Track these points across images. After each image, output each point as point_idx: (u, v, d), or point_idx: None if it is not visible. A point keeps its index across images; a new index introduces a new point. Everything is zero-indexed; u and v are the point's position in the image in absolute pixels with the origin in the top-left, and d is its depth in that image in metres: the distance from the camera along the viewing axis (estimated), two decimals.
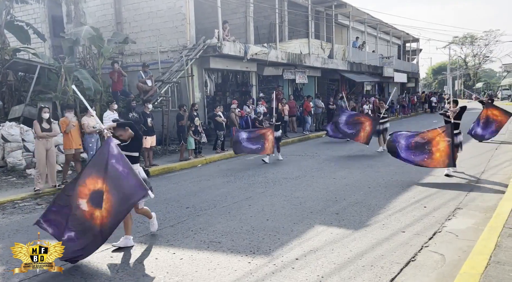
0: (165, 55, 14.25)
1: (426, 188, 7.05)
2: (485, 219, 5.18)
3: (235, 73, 17.13)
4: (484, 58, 60.03)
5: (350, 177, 8.26)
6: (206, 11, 16.95)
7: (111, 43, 12.08)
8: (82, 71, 11.04)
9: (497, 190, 6.67)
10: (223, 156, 11.77)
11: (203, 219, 5.76)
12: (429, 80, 76.94)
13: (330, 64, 21.41)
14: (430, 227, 5.05)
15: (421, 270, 3.90)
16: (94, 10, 15.70)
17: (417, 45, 39.52)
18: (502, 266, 3.55)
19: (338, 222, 5.41)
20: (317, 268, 4.03)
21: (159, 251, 4.65)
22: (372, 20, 27.61)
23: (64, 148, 8.38)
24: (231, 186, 7.90)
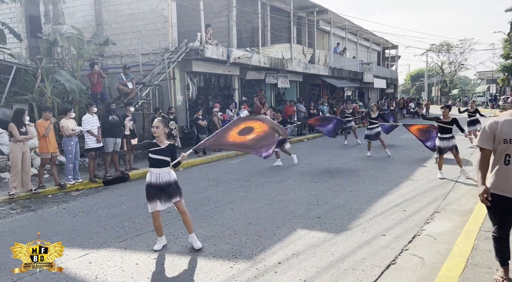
0: (146, 58, 14.10)
1: (405, 192, 7.18)
2: (462, 222, 5.31)
3: (217, 76, 17.10)
4: (459, 66, 61.91)
5: (331, 181, 8.34)
6: (189, 14, 16.88)
7: (91, 45, 11.86)
8: (62, 73, 10.79)
9: (474, 193, 6.86)
10: (205, 160, 11.70)
11: None
12: (407, 86, 78.75)
13: (311, 69, 21.65)
14: (410, 231, 5.14)
15: (402, 273, 3.96)
16: (74, 10, 15.40)
17: (396, 52, 40.48)
18: (479, 268, 3.65)
19: (320, 225, 5.45)
20: (299, 272, 4.04)
21: (139, 256, 4.57)
22: (352, 26, 28.12)
23: (40, 151, 8.15)
24: (213, 190, 7.85)
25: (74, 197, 7.81)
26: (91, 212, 6.62)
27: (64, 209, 6.85)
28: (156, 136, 4.84)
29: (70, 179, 8.47)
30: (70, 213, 6.56)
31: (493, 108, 38.21)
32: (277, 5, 19.81)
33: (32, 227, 5.80)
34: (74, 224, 5.90)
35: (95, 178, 8.87)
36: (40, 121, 8.10)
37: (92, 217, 6.30)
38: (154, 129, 4.79)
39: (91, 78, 11.68)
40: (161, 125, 4.82)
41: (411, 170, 9.27)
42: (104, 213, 6.50)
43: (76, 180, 8.60)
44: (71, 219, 6.20)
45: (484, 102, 47.04)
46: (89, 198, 7.69)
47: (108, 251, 4.77)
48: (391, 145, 14.09)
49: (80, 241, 5.14)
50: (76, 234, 5.43)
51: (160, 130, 4.82)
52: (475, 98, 56.91)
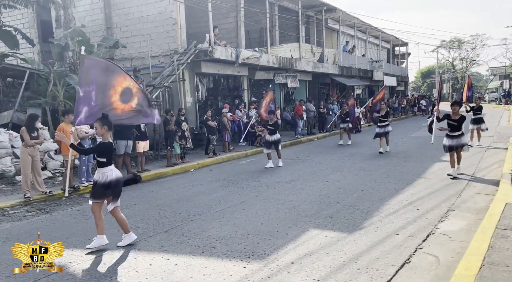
0: (156, 60, 14.20)
1: (418, 190, 7.10)
2: (477, 220, 5.23)
3: (226, 77, 17.14)
4: (471, 62, 61.02)
5: (343, 180, 8.29)
6: (197, 15, 16.95)
7: (101, 48, 12.00)
8: (74, 77, 10.92)
9: (488, 191, 6.75)
10: (215, 161, 11.73)
11: (196, 224, 5.72)
12: (418, 83, 77.89)
13: (321, 68, 21.56)
14: (424, 229, 5.08)
15: (416, 272, 3.92)
16: (84, 15, 15.60)
17: (406, 49, 40.07)
18: (496, 267, 3.59)
19: (333, 225, 5.42)
20: (313, 271, 4.02)
21: (153, 257, 4.60)
22: (361, 24, 27.92)
23: (63, 154, 8.28)
24: (224, 190, 7.87)
25: (87, 199, 7.87)
26: (104, 213, 6.66)
27: (78, 211, 6.94)
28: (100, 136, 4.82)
29: (83, 181, 8.58)
30: (84, 215, 6.64)
31: (506, 104, 37.52)
32: (285, 4, 19.77)
33: (48, 229, 5.88)
34: (88, 226, 5.96)
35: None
36: (63, 124, 8.22)
37: (105, 218, 6.32)
38: (94, 131, 4.82)
39: None
40: (98, 124, 4.81)
41: (423, 168, 9.16)
42: None
43: (89, 183, 8.70)
44: (85, 221, 6.27)
45: (498, 98, 46.22)
46: None
47: (122, 252, 4.81)
48: (403, 143, 13.95)
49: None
50: (90, 235, 5.48)
51: (99, 130, 4.80)
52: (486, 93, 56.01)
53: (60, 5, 12.64)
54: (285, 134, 17.42)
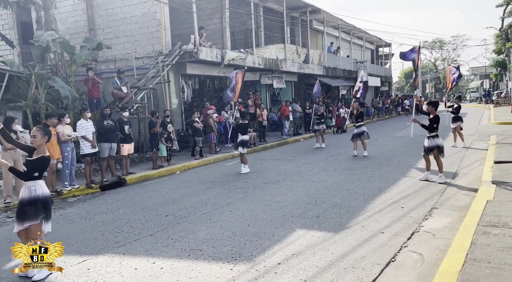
0: (140, 61, 14.06)
1: (402, 189, 7.19)
2: (460, 217, 5.32)
3: (212, 78, 17.09)
4: (452, 62, 62.28)
5: (329, 180, 8.34)
6: (182, 16, 16.85)
7: (84, 49, 11.80)
8: (56, 79, 10.72)
9: (470, 189, 6.88)
10: (202, 163, 11.67)
11: (183, 227, 5.67)
12: (401, 83, 79.08)
13: (306, 69, 21.69)
14: (408, 227, 5.14)
15: (401, 270, 3.96)
16: (66, 16, 15.33)
17: (390, 49, 40.67)
18: (479, 263, 3.65)
19: (319, 225, 5.44)
20: (299, 272, 4.03)
21: (138, 261, 4.54)
22: (345, 25, 28.21)
23: None
24: (211, 192, 7.83)
25: (71, 203, 7.76)
26: (88, 218, 6.58)
27: (61, 216, 6.80)
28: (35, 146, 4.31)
29: (66, 185, 8.43)
30: (67, 220, 6.51)
31: (486, 103, 38.42)
32: (270, 5, 19.82)
33: None
34: (71, 231, 5.86)
35: (91, 184, 8.82)
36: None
37: (90, 223, 6.26)
38: (32, 139, 4.28)
39: (87, 84, 11.64)
40: (39, 134, 4.29)
41: (407, 166, 9.29)
42: (101, 218, 6.46)
43: (73, 186, 8.55)
44: (68, 226, 6.15)
45: (478, 97, 47.30)
46: (86, 204, 7.64)
47: (107, 256, 4.73)
48: (387, 142, 14.14)
49: (78, 247, 5.10)
50: (73, 240, 5.39)
51: (38, 139, 4.28)
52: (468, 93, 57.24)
53: (41, 6, 12.38)
54: (272, 135, 17.47)
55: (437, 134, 7.70)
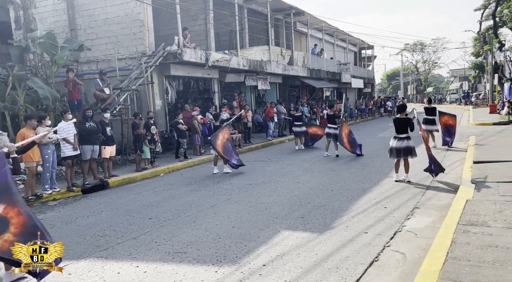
0: (123, 62, 13.87)
1: (385, 189, 7.30)
2: (441, 217, 5.43)
3: (196, 80, 16.99)
4: (433, 64, 63.65)
5: (313, 181, 8.40)
6: (166, 17, 16.72)
7: (64, 50, 11.57)
8: (36, 80, 10.48)
9: (451, 189, 7.04)
10: (186, 164, 11.59)
11: (167, 230, 5.61)
12: (384, 85, 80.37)
13: (290, 70, 21.80)
14: (391, 227, 5.22)
15: (384, 270, 4.02)
16: (46, 16, 15.03)
17: (372, 52, 41.25)
18: (459, 262, 3.73)
19: (304, 226, 5.47)
20: (284, 273, 4.04)
21: (121, 265, 4.47)
22: (329, 27, 28.49)
23: (25, 161, 7.87)
24: (195, 194, 7.78)
25: (51, 207, 7.59)
26: (70, 221, 6.45)
27: (41, 220, 6.62)
28: None
29: (47, 188, 8.23)
30: (48, 224, 6.35)
31: (466, 104, 39.37)
32: (254, 7, 19.87)
33: None
34: (52, 235, 5.72)
35: (72, 187, 8.65)
36: (23, 130, 7.82)
37: (71, 227, 6.14)
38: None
39: (67, 86, 11.41)
40: None
41: (390, 167, 9.40)
42: (83, 222, 6.34)
43: (53, 190, 8.37)
44: (48, 230, 5.99)
45: (458, 99, 48.42)
46: (67, 208, 7.49)
47: (89, 261, 4.65)
48: (370, 143, 14.32)
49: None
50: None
51: None
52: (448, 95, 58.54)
53: (20, 5, 12.08)
54: (257, 136, 17.49)
55: (409, 136, 7.89)
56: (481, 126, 17.68)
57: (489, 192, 6.13)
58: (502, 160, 8.56)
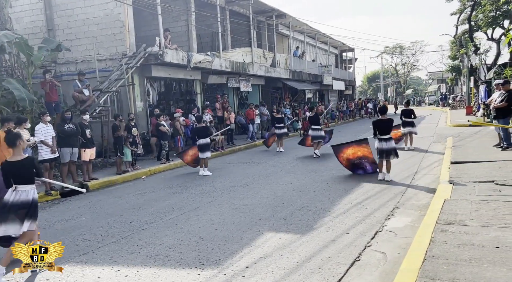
0: (103, 64, 13.65)
1: (366, 190, 7.41)
2: (420, 216, 5.55)
3: (178, 81, 16.87)
4: (412, 67, 65.07)
5: (296, 182, 8.45)
6: (147, 18, 16.55)
7: (42, 51, 11.29)
8: (11, 81, 10.18)
9: (429, 189, 7.20)
10: (168, 167, 11.47)
11: (148, 233, 5.54)
12: (364, 87, 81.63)
13: (273, 72, 21.90)
14: (372, 227, 5.30)
15: (366, 270, 4.07)
16: (22, 15, 14.66)
17: (353, 54, 41.88)
18: (437, 260, 3.82)
19: (286, 227, 5.50)
20: (267, 274, 4.05)
21: (101, 270, 4.39)
22: (311, 30, 28.77)
23: None
24: (177, 197, 7.71)
25: None
26: (47, 226, 6.29)
27: None
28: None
29: None
30: None
31: (443, 106, 40.38)
32: (236, 9, 19.88)
33: None
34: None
35: (50, 191, 8.44)
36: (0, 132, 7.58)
37: (49, 231, 5.98)
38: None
39: (44, 87, 11.13)
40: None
41: None
42: (62, 226, 6.20)
43: None
44: None
45: (436, 101, 49.64)
46: (45, 212, 7.30)
47: (68, 266, 4.54)
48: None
49: None
50: None
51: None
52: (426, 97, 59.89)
53: None
54: (240, 138, 17.48)
55: (391, 137, 8.15)
56: (458, 128, 18.16)
57: (466, 192, 6.30)
58: (478, 160, 8.82)
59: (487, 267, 3.58)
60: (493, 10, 24.44)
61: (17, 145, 4.42)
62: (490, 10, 24.51)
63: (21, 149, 4.48)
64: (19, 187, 4.33)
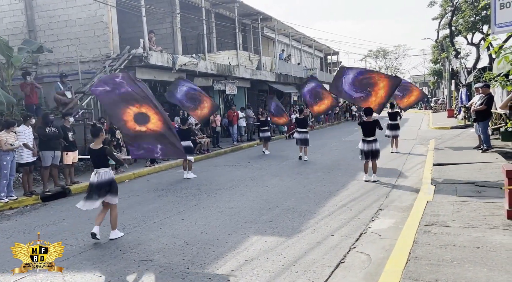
0: (86, 65, 13.45)
1: (351, 192, 7.47)
2: (404, 218, 5.62)
3: (163, 84, 16.72)
4: (395, 70, 66.12)
5: (281, 184, 8.46)
6: (131, 20, 16.39)
7: (22, 52, 11.06)
8: None
9: (413, 190, 7.31)
10: (153, 170, 11.35)
11: (132, 237, 5.46)
12: None
13: (258, 75, 21.94)
14: (357, 229, 5.34)
15: (350, 271, 4.10)
16: (2, 16, 14.36)
17: (337, 57, 42.38)
18: (420, 261, 3.87)
19: (272, 230, 5.49)
20: (252, 277, 4.03)
21: (83, 275, 4.29)
22: (296, 33, 28.97)
23: None
24: (162, 200, 7.63)
25: (7, 217, 7.19)
26: (28, 231, 6.13)
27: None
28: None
29: (2, 197, 7.80)
30: (3, 234, 6.03)
31: (426, 109, 41.12)
32: (221, 12, 19.87)
33: None
34: (7, 246, 5.39)
35: (30, 193, 8.23)
36: None
37: (29, 236, 5.82)
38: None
39: (24, 90, 10.89)
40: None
41: (355, 170, 9.66)
42: (43, 231, 6.04)
43: (10, 198, 7.94)
44: (4, 241, 5.69)
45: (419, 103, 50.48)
46: (26, 217, 7.12)
47: (48, 272, 4.42)
48: (336, 147, 14.64)
49: (15, 263, 4.70)
50: (9, 256, 4.97)
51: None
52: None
53: None
54: (226, 141, 17.43)
55: (376, 138, 8.28)
56: (440, 130, 18.52)
57: (447, 193, 6.42)
58: (459, 162, 9.00)
59: (468, 268, 3.64)
60: (472, 16, 25.06)
61: (99, 136, 5.51)
62: (470, 15, 25.13)
63: (101, 140, 5.53)
64: (99, 170, 5.40)
